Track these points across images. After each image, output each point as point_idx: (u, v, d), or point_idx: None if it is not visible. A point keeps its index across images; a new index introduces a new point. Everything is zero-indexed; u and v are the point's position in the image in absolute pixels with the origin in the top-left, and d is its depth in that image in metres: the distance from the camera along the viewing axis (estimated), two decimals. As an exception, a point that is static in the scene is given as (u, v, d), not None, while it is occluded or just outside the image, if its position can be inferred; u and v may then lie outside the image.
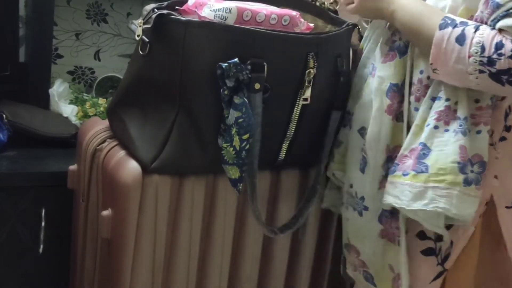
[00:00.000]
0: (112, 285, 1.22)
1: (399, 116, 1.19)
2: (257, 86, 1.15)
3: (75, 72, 1.95)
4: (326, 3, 1.38)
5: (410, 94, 1.18)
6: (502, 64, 1.02)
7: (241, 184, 1.20)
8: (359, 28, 1.32)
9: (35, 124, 1.62)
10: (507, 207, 1.18)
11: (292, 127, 1.26)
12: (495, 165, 1.14)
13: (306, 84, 1.22)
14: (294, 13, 1.24)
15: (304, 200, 1.32)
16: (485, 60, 1.03)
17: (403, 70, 1.18)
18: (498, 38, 1.03)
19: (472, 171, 1.09)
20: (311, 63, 1.21)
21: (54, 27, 1.82)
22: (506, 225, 1.18)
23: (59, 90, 1.78)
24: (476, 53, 1.03)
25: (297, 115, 1.25)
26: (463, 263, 1.19)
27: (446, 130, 1.11)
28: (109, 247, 1.23)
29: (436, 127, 1.12)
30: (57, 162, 1.54)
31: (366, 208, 1.23)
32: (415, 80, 1.17)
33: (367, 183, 1.22)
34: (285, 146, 1.28)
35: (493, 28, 1.04)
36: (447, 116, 1.11)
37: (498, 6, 1.04)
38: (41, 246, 1.52)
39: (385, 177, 1.19)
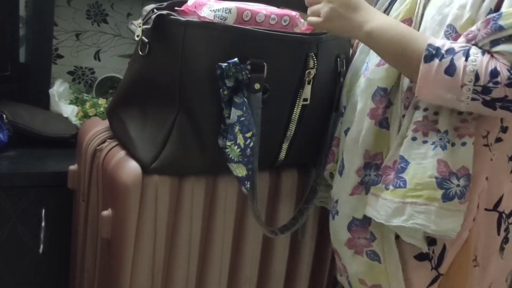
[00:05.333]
0: (112, 285, 1.22)
1: (383, 122, 1.14)
2: (256, 86, 1.15)
3: (75, 72, 1.95)
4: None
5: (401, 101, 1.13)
6: (498, 92, 0.98)
7: (248, 182, 1.18)
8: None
9: (35, 124, 1.62)
10: (486, 210, 1.14)
11: (292, 127, 1.26)
12: (488, 166, 1.11)
13: (306, 84, 1.22)
14: (293, 13, 1.24)
15: (303, 201, 1.32)
16: (479, 89, 0.99)
17: (395, 75, 1.13)
18: (492, 64, 0.99)
19: (458, 185, 1.05)
20: (311, 63, 1.21)
21: (54, 27, 1.82)
22: (477, 229, 1.14)
23: (59, 90, 1.78)
24: (470, 81, 0.99)
25: (297, 116, 1.25)
26: (459, 267, 1.15)
27: (425, 142, 1.07)
28: (109, 247, 1.23)
29: (414, 139, 1.08)
30: (57, 162, 1.54)
31: (337, 213, 1.21)
32: (405, 87, 1.12)
33: (341, 187, 1.19)
34: (285, 146, 1.28)
35: (484, 52, 1.00)
36: (425, 127, 1.08)
37: (501, 29, 0.99)
38: (41, 246, 1.52)
39: (360, 183, 1.16)
